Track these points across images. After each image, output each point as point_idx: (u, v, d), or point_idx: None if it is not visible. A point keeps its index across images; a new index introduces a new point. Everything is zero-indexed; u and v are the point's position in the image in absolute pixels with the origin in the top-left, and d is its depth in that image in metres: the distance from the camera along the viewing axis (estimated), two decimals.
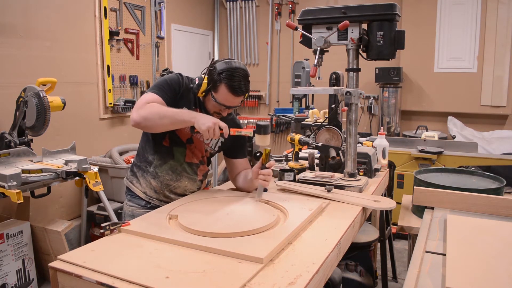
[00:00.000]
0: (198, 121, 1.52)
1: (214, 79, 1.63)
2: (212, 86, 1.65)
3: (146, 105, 1.59)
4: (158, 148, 1.77)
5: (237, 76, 1.62)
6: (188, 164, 1.81)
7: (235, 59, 1.69)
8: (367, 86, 5.11)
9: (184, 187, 1.83)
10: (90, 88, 3.93)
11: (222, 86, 1.63)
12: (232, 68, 1.63)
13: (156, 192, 1.80)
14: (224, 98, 1.65)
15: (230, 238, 1.29)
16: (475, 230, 1.40)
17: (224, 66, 1.62)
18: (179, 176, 1.80)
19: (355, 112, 1.96)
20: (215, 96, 1.66)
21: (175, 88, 1.70)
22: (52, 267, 1.14)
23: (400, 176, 3.72)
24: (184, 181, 1.82)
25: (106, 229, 1.35)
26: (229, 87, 1.62)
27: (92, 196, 3.56)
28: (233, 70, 1.62)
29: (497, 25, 4.46)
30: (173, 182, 1.80)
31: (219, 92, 1.64)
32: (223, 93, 1.64)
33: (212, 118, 1.53)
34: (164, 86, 1.68)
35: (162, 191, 1.80)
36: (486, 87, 4.58)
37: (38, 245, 3.00)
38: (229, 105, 1.68)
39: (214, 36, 6.12)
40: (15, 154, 2.67)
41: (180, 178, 1.80)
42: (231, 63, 1.64)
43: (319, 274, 1.14)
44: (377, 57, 1.88)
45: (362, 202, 1.73)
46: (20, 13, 3.24)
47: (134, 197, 1.83)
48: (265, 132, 1.63)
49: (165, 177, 1.79)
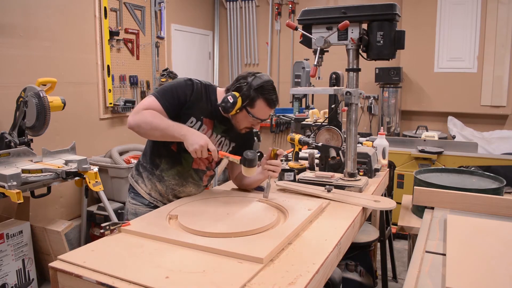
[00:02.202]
0: (187, 141, 1.50)
1: (251, 95, 1.61)
2: (248, 103, 1.63)
3: (143, 112, 1.56)
4: (166, 152, 1.75)
5: (272, 89, 1.64)
6: (194, 170, 1.80)
7: (258, 71, 1.70)
8: (367, 86, 5.11)
9: (189, 192, 1.82)
10: (90, 88, 3.93)
11: (260, 101, 1.62)
12: (266, 82, 1.63)
13: (160, 195, 1.79)
14: (261, 112, 1.65)
15: (230, 238, 1.29)
16: (475, 230, 1.40)
17: (259, 81, 1.62)
18: (185, 181, 1.79)
19: (355, 112, 1.96)
20: (252, 112, 1.64)
21: (179, 96, 1.64)
22: (52, 267, 1.14)
23: (400, 176, 3.72)
24: (189, 187, 1.81)
25: (106, 229, 1.35)
26: (267, 101, 1.63)
27: (92, 196, 3.56)
28: (267, 83, 1.63)
29: (497, 25, 4.46)
30: (178, 187, 1.79)
31: (257, 107, 1.63)
32: (261, 107, 1.63)
33: (202, 140, 1.50)
34: (168, 93, 1.63)
35: (167, 195, 1.79)
36: (486, 87, 4.58)
37: (38, 245, 3.00)
38: (265, 118, 1.68)
39: (214, 36, 6.12)
40: (15, 154, 2.66)
41: (185, 184, 1.79)
42: (262, 76, 1.64)
43: (319, 274, 1.14)
44: (377, 57, 1.88)
45: (362, 202, 1.73)
46: (20, 13, 3.24)
47: (138, 196, 1.82)
48: (250, 165, 1.57)
49: (171, 181, 1.77)
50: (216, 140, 1.77)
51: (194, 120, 1.68)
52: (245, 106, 1.63)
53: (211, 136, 1.75)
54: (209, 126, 1.73)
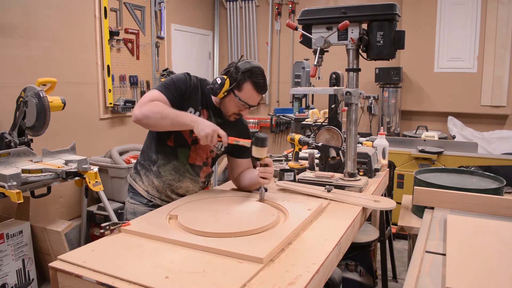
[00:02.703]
0: (198, 126, 1.54)
1: (238, 78, 1.65)
2: (235, 85, 1.67)
3: (150, 103, 1.60)
4: (163, 148, 1.78)
5: (260, 74, 1.68)
6: (191, 165, 1.81)
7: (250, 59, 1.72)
8: (367, 86, 5.11)
9: (186, 187, 1.83)
10: (90, 88, 3.93)
11: (247, 84, 1.66)
12: (255, 67, 1.67)
13: (158, 191, 1.81)
14: (249, 96, 1.68)
15: (230, 238, 1.29)
16: (475, 230, 1.40)
17: (248, 65, 1.66)
18: (182, 176, 1.80)
19: (355, 112, 1.96)
20: (239, 95, 1.68)
21: (181, 87, 1.70)
22: (52, 267, 1.14)
23: (400, 176, 3.72)
24: (187, 182, 1.82)
25: (106, 229, 1.35)
26: (254, 85, 1.66)
27: (92, 196, 3.56)
28: (256, 68, 1.67)
29: (497, 25, 4.46)
30: (175, 182, 1.80)
31: (244, 90, 1.67)
32: (248, 90, 1.67)
33: (212, 125, 1.55)
34: (171, 85, 1.69)
35: (164, 191, 1.80)
36: (486, 87, 4.58)
37: (38, 245, 3.00)
38: (252, 103, 1.71)
39: (214, 36, 6.12)
40: (15, 154, 2.66)
41: (182, 179, 1.81)
42: (252, 62, 1.69)
43: (319, 274, 1.14)
44: (377, 57, 1.88)
45: (362, 202, 1.73)
46: (20, 13, 3.24)
47: (136, 195, 1.83)
48: (262, 145, 1.63)
49: (167, 177, 1.79)
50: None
51: (192, 110, 1.73)
52: (232, 89, 1.67)
53: None
54: (205, 116, 1.77)
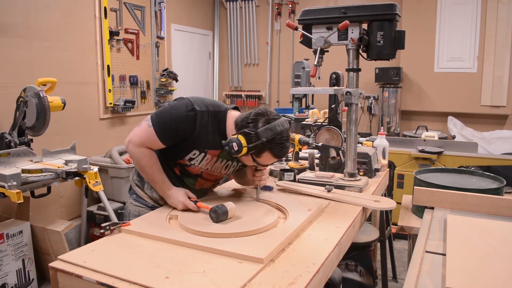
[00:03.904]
0: (169, 201, 1.58)
1: (258, 146, 1.45)
2: (254, 152, 1.48)
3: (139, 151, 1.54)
4: (168, 172, 1.64)
5: (283, 142, 1.48)
6: (198, 190, 1.74)
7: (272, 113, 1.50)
8: (367, 86, 5.11)
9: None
10: (90, 88, 3.93)
11: (267, 153, 1.48)
12: (277, 134, 1.46)
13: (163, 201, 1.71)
14: (267, 162, 1.54)
15: (230, 238, 1.29)
16: (475, 230, 1.40)
17: (270, 134, 1.44)
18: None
19: (355, 112, 1.96)
20: (257, 160, 1.52)
21: (179, 132, 1.52)
22: (52, 267, 1.14)
23: (400, 176, 3.72)
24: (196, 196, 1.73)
25: (106, 229, 1.35)
26: (274, 154, 1.50)
27: (92, 196, 3.55)
28: (279, 136, 1.46)
29: (497, 25, 4.46)
30: None
31: (263, 158, 1.51)
32: (267, 158, 1.51)
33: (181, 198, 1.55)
34: (167, 127, 1.52)
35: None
36: (486, 87, 4.58)
37: (38, 245, 3.00)
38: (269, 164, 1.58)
39: (214, 36, 6.12)
40: (15, 154, 2.66)
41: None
42: (275, 127, 1.45)
43: (319, 274, 1.14)
44: (377, 57, 1.88)
45: (362, 202, 1.73)
46: (20, 13, 3.24)
47: (140, 198, 1.77)
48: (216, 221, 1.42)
49: None
50: (222, 165, 1.68)
51: (197, 153, 1.59)
52: (250, 153, 1.49)
53: (216, 162, 1.65)
54: (214, 155, 1.63)
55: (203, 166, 1.64)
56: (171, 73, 4.93)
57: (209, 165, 1.65)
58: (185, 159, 1.61)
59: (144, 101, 4.64)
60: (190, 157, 1.60)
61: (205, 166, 1.64)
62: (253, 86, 6.05)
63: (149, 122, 1.54)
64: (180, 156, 1.62)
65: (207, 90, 6.07)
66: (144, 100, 4.64)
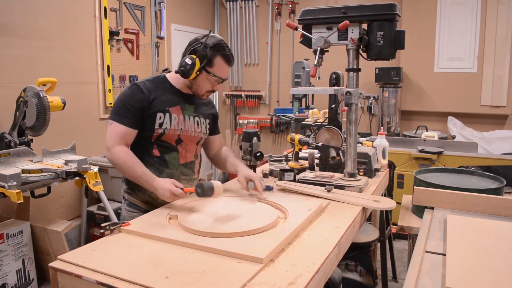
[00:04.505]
0: (157, 193, 1.56)
1: (208, 54, 1.63)
2: (206, 62, 1.64)
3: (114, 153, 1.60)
4: (149, 160, 1.71)
5: (227, 46, 1.67)
6: (184, 165, 1.79)
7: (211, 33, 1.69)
8: (367, 86, 5.11)
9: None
10: (90, 88, 3.93)
11: (218, 59, 1.65)
12: (221, 40, 1.67)
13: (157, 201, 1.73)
14: (221, 70, 1.68)
15: (230, 238, 1.29)
16: (475, 230, 1.40)
17: (214, 40, 1.64)
18: (177, 180, 1.69)
19: (355, 112, 1.96)
20: (211, 71, 1.66)
21: (134, 106, 1.65)
22: (52, 267, 1.14)
23: (400, 176, 3.72)
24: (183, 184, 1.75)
25: (106, 229, 1.35)
26: (225, 57, 1.66)
27: (92, 196, 3.55)
28: (223, 41, 1.67)
29: (497, 25, 4.46)
30: None
31: (216, 65, 1.66)
32: (220, 64, 1.66)
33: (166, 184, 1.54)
34: (123, 109, 1.65)
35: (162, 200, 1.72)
36: (486, 87, 4.58)
37: (38, 245, 3.00)
38: (224, 76, 1.71)
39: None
40: (15, 154, 2.66)
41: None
42: (215, 36, 1.67)
43: (319, 274, 1.14)
44: (377, 57, 1.88)
45: (362, 202, 1.73)
46: (20, 13, 3.24)
47: (133, 204, 1.80)
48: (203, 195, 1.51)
49: None
50: (192, 122, 1.78)
51: (161, 115, 1.69)
52: (203, 67, 1.65)
53: (184, 120, 1.75)
54: (178, 112, 1.73)
55: (176, 127, 1.70)
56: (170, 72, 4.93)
57: (181, 124, 1.72)
58: (156, 128, 1.67)
59: None
60: (159, 123, 1.67)
61: (178, 126, 1.71)
62: (253, 86, 6.05)
63: (108, 122, 1.67)
64: (150, 127, 1.67)
65: None
66: None
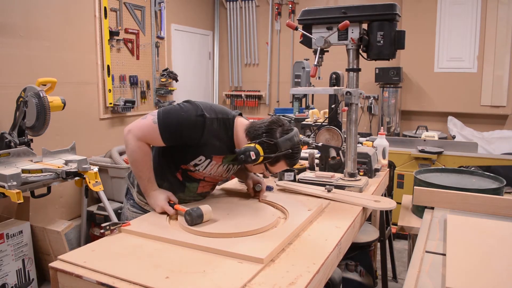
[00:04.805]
0: (149, 202, 1.57)
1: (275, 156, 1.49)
2: (270, 161, 1.52)
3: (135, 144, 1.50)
4: (170, 178, 1.64)
5: (298, 153, 1.54)
6: (199, 194, 1.74)
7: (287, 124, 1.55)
8: (367, 86, 5.10)
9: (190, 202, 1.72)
10: (90, 88, 3.93)
11: (282, 162, 1.53)
12: (295, 146, 1.51)
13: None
14: (279, 169, 1.58)
15: (230, 238, 1.29)
16: (475, 230, 1.40)
17: (288, 144, 1.48)
18: (188, 202, 1.70)
19: (355, 112, 1.96)
20: (270, 169, 1.56)
21: (184, 137, 1.51)
22: (52, 267, 1.14)
23: (400, 176, 3.72)
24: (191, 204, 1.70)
25: (106, 229, 1.35)
26: (289, 164, 1.55)
27: (92, 196, 3.55)
28: (296, 147, 1.51)
29: (497, 25, 4.46)
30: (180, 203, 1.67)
31: (276, 166, 1.55)
32: (281, 166, 1.55)
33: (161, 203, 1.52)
34: (172, 129, 1.50)
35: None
36: (486, 87, 4.58)
37: (38, 245, 3.00)
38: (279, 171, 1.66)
39: (214, 36, 6.12)
40: (15, 154, 2.66)
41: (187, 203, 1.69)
42: (293, 138, 1.50)
43: (319, 274, 1.14)
44: (377, 57, 1.89)
45: (362, 202, 1.73)
46: (20, 13, 3.24)
47: (137, 205, 1.75)
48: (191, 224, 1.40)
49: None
50: (224, 169, 1.68)
51: (203, 158, 1.57)
52: (264, 161, 1.52)
53: (219, 167, 1.65)
54: (219, 160, 1.63)
55: (207, 172, 1.63)
56: (171, 73, 4.93)
57: (213, 170, 1.64)
58: (190, 164, 1.59)
59: (144, 101, 4.64)
60: (195, 163, 1.58)
61: (209, 171, 1.63)
62: (253, 86, 6.05)
63: (155, 118, 1.50)
64: (185, 161, 1.60)
65: (207, 90, 6.07)
66: (144, 100, 4.64)
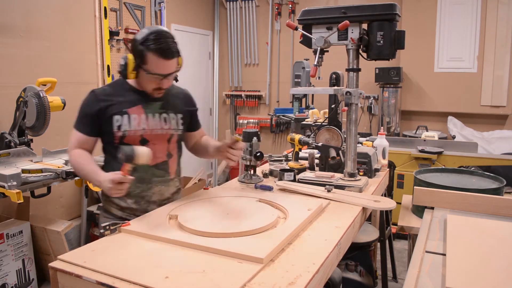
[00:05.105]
0: (102, 187, 1.46)
1: (139, 50, 1.51)
2: (140, 60, 1.53)
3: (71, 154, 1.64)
4: (117, 166, 1.50)
5: (161, 38, 1.51)
6: (155, 166, 1.66)
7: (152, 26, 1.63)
8: (367, 86, 5.10)
9: (159, 191, 1.70)
10: (90, 88, 3.88)
11: (150, 54, 1.50)
12: (153, 32, 1.51)
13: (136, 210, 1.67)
14: (156, 66, 1.52)
15: (230, 238, 1.29)
16: (475, 230, 1.41)
17: (144, 34, 1.52)
18: (150, 183, 1.67)
19: (355, 112, 1.96)
20: (147, 68, 1.53)
21: (90, 113, 1.61)
22: (52, 267, 1.14)
23: (400, 176, 3.72)
24: (157, 186, 1.69)
25: (106, 229, 1.35)
26: (157, 51, 1.50)
27: (92, 196, 3.56)
28: (155, 33, 1.51)
29: (497, 25, 4.46)
30: (145, 192, 1.67)
31: (149, 62, 1.52)
32: (153, 60, 1.51)
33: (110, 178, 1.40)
34: (81, 118, 1.65)
35: (140, 207, 1.68)
36: (486, 87, 4.58)
37: (38, 245, 3.00)
38: (163, 71, 1.54)
39: (214, 36, 6.12)
40: (15, 154, 2.66)
41: (151, 185, 1.67)
42: (150, 28, 1.55)
43: (319, 274, 1.14)
44: (377, 57, 1.89)
45: (362, 202, 1.73)
46: (20, 13, 3.24)
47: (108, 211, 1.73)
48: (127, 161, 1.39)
49: (136, 191, 1.65)
50: (158, 120, 1.66)
51: (119, 118, 1.60)
52: (139, 65, 1.54)
53: (148, 118, 1.63)
54: (139, 112, 1.63)
55: (136, 127, 1.61)
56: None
57: (142, 124, 1.62)
58: (115, 131, 1.60)
59: None
60: (117, 126, 1.60)
61: (138, 126, 1.62)
62: (253, 86, 6.05)
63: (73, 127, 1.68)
64: (110, 131, 1.61)
65: (207, 90, 6.07)
66: None
